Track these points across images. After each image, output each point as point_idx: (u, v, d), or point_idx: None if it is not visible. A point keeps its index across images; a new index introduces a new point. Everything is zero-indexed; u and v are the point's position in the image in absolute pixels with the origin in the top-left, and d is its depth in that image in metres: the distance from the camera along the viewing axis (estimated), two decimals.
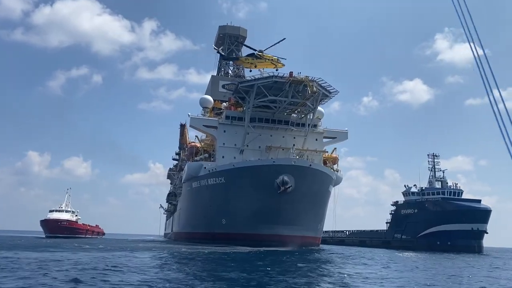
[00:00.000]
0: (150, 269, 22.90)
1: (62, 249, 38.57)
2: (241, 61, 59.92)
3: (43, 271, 19.93)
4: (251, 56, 59.52)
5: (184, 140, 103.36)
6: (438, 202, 75.34)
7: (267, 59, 59.35)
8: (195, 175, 61.61)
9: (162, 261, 29.68)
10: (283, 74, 55.06)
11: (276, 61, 59.21)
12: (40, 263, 23.76)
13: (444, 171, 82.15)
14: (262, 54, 59.47)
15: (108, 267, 22.40)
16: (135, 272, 20.57)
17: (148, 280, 17.77)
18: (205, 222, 60.28)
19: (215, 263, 29.28)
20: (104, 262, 25.14)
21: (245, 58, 59.90)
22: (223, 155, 61.91)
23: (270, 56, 59.71)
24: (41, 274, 18.73)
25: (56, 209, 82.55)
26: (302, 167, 51.43)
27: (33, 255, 30.33)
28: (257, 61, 59.10)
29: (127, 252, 37.81)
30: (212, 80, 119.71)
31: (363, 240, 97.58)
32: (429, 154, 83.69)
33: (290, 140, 64.01)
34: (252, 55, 59.48)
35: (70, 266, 22.73)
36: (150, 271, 21.49)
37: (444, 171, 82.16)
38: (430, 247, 72.28)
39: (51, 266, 22.61)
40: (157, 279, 18.39)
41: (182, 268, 24.43)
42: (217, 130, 62.99)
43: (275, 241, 52.76)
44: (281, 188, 49.86)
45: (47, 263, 23.99)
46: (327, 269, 27.33)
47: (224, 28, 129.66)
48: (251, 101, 57.47)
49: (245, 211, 53.20)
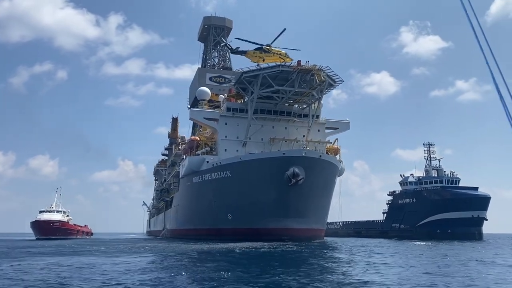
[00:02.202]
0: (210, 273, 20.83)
1: (79, 254, 34.29)
2: (249, 55, 58.35)
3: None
4: (259, 50, 58.10)
5: (175, 134, 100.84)
6: (437, 191, 75.53)
7: (275, 53, 57.91)
8: (196, 169, 59.52)
9: (197, 265, 26.75)
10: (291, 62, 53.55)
11: (284, 55, 57.98)
12: (84, 270, 21.27)
13: (440, 160, 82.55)
14: (270, 48, 58.27)
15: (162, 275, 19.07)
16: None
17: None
18: (209, 218, 58.41)
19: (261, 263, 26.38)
20: (146, 267, 22.68)
21: (253, 52, 58.31)
22: (225, 148, 60.08)
23: (278, 50, 58.45)
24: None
25: (47, 209, 78.52)
26: (312, 159, 50.17)
27: (64, 261, 26.81)
28: (265, 55, 57.68)
29: (149, 255, 32.62)
30: (198, 73, 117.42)
31: (358, 231, 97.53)
32: (425, 143, 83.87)
33: (292, 132, 62.75)
34: (260, 49, 58.23)
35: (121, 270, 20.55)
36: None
37: (440, 159, 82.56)
38: (430, 236, 72.33)
39: (110, 272, 20.06)
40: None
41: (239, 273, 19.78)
42: (218, 122, 61.05)
43: (285, 235, 51.58)
44: (292, 180, 48.48)
45: (91, 269, 21.55)
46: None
47: (209, 19, 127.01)
48: (255, 91, 55.72)
49: (253, 205, 51.68)
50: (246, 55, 58.36)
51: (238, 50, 59.22)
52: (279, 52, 58.07)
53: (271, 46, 57.94)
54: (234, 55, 61.79)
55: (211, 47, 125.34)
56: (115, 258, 28.95)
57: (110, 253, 34.56)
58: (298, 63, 53.21)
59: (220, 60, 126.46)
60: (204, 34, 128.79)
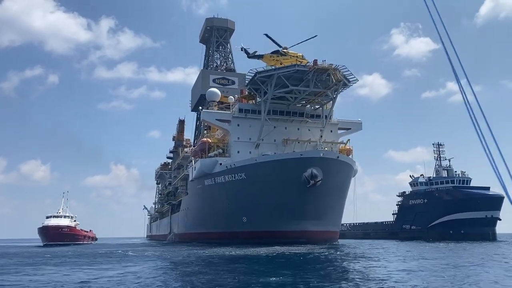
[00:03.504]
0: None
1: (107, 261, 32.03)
2: (266, 58, 57.88)
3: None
4: (275, 53, 57.54)
5: (182, 136, 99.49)
6: (449, 191, 74.71)
7: (292, 56, 57.25)
8: (208, 172, 58.36)
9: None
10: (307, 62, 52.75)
11: (301, 58, 57.34)
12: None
13: (450, 160, 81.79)
14: (287, 51, 57.65)
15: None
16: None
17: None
18: (222, 221, 57.25)
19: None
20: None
21: (270, 56, 57.74)
22: (238, 150, 59.03)
23: (294, 53, 57.80)
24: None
25: (54, 214, 76.88)
26: (330, 159, 49.24)
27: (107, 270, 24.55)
28: (282, 58, 57.02)
29: (184, 263, 28.51)
30: (202, 74, 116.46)
31: (366, 232, 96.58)
32: (434, 143, 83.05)
33: (305, 133, 61.86)
34: (277, 52, 57.67)
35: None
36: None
37: (450, 159, 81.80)
38: (443, 237, 71.50)
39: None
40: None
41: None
42: (230, 124, 60.00)
43: (302, 237, 50.60)
44: (310, 182, 47.48)
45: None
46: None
47: (212, 20, 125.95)
48: (270, 92, 54.74)
49: (270, 208, 50.66)
50: (263, 59, 57.93)
51: (255, 54, 58.60)
52: (296, 54, 57.59)
53: (288, 49, 57.51)
54: (252, 58, 60.93)
55: (213, 48, 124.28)
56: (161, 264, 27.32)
57: (151, 260, 32.48)
58: (314, 63, 52.42)
59: (223, 61, 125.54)
60: (206, 35, 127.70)
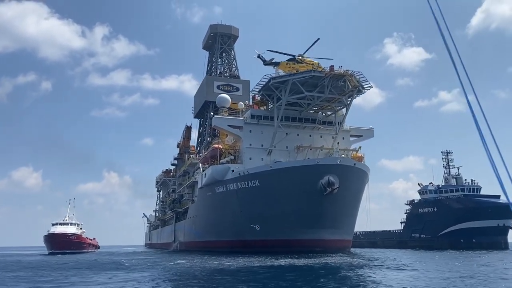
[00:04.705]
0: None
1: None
2: (282, 66, 57.49)
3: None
4: (292, 61, 57.09)
5: (188, 143, 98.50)
6: (460, 199, 74.04)
7: (308, 63, 56.87)
8: (220, 178, 57.36)
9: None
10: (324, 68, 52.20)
11: (317, 65, 56.88)
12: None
13: (459, 168, 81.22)
14: (303, 58, 57.38)
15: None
16: None
17: None
18: (234, 229, 56.10)
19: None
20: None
21: (286, 63, 57.38)
22: (250, 156, 58.16)
23: (311, 60, 57.34)
24: None
25: (60, 222, 75.34)
26: (347, 167, 48.47)
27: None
28: (299, 66, 56.59)
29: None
30: (206, 81, 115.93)
31: (373, 241, 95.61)
32: (443, 151, 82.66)
33: (317, 139, 61.17)
34: (293, 59, 57.18)
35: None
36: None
37: (459, 167, 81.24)
38: (453, 246, 70.70)
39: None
40: None
41: None
42: (242, 130, 59.19)
43: (318, 246, 49.64)
44: (327, 189, 46.64)
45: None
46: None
47: (216, 27, 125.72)
48: (284, 98, 54.08)
49: (284, 216, 49.65)
50: (280, 66, 57.50)
51: (272, 61, 58.11)
52: (312, 62, 57.13)
53: (304, 57, 57.03)
54: (268, 66, 60.60)
55: (217, 55, 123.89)
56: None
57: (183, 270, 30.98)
58: (331, 68, 51.88)
59: (226, 68, 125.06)
60: (209, 42, 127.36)
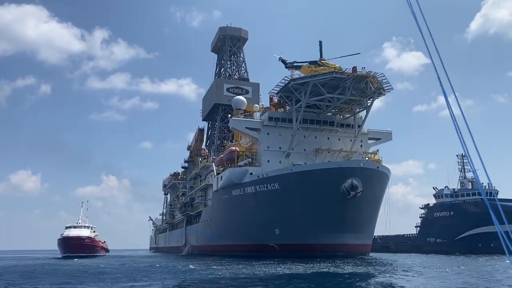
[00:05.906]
0: None
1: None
2: (304, 69, 57.01)
3: None
4: (313, 64, 56.58)
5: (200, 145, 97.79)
6: (478, 203, 72.93)
7: (330, 67, 56.40)
8: (237, 181, 56.57)
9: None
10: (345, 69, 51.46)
11: (338, 69, 56.29)
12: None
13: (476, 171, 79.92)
14: (325, 61, 57.07)
15: None
16: None
17: None
18: (252, 233, 55.25)
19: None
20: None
21: (308, 66, 56.90)
22: (268, 159, 57.35)
23: (332, 64, 56.81)
24: None
25: (74, 225, 74.61)
26: (370, 170, 47.64)
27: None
28: (321, 69, 56.00)
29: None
30: (216, 84, 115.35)
31: (386, 245, 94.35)
32: (458, 155, 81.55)
33: (335, 142, 60.37)
34: (315, 62, 56.85)
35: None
36: None
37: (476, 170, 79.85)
38: (471, 250, 69.58)
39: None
40: None
41: None
42: (259, 132, 58.41)
43: (340, 250, 48.78)
44: (351, 193, 45.76)
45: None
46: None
47: (225, 29, 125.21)
48: (304, 100, 53.33)
49: (305, 219, 48.82)
50: (301, 69, 56.88)
51: (294, 64, 57.60)
52: (334, 66, 56.59)
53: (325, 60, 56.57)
54: (289, 68, 60.43)
55: (227, 58, 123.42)
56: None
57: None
58: (353, 69, 51.10)
59: (235, 71, 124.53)
60: (218, 44, 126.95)
